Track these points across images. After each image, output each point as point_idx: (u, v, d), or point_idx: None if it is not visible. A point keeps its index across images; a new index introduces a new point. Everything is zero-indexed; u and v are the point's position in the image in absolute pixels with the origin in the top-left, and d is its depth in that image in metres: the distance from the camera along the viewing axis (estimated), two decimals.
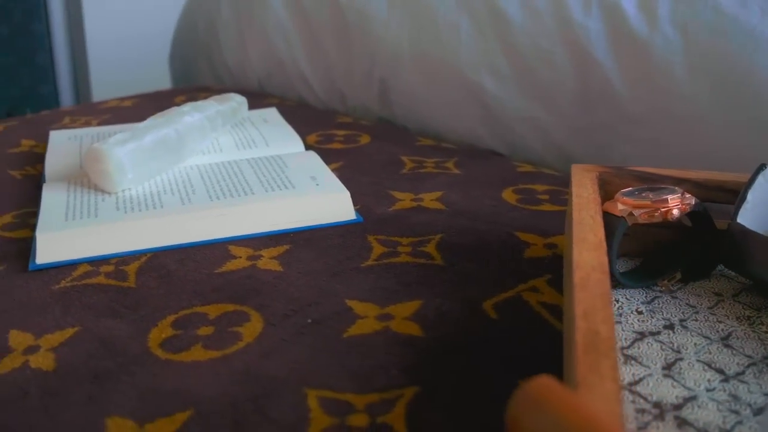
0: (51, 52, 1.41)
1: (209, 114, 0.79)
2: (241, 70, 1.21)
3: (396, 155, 0.83)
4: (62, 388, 0.47)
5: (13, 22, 1.34)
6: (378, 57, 0.98)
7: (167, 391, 0.45)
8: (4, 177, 0.80)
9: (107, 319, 0.53)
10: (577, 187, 0.54)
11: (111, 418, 0.44)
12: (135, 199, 0.67)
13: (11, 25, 1.34)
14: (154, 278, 0.58)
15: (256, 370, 0.46)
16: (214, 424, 0.42)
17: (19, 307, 0.55)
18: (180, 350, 0.49)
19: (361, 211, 0.68)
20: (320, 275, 0.57)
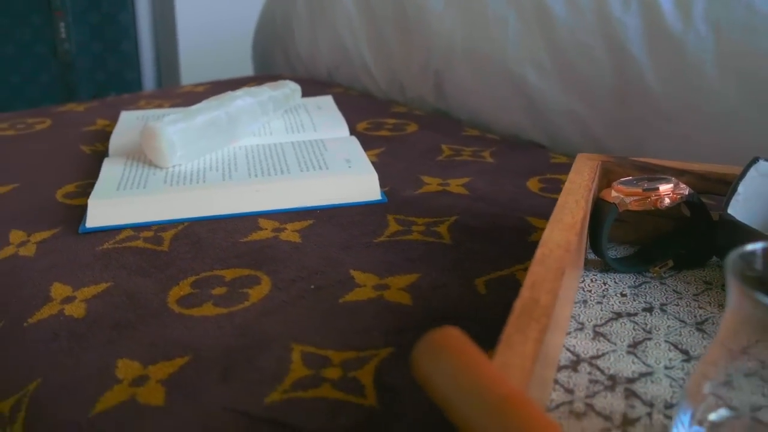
0: (136, 40, 1.51)
1: (261, 99, 0.85)
2: (312, 60, 1.26)
3: (437, 143, 0.86)
4: (87, 333, 0.53)
5: (101, 12, 1.45)
6: (433, 50, 1.01)
7: (173, 340, 0.50)
8: (76, 151, 0.87)
9: (137, 277, 0.59)
10: (573, 173, 0.56)
11: (122, 359, 0.49)
12: (182, 174, 0.73)
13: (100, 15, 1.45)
14: (186, 244, 0.63)
15: (254, 326, 0.51)
16: (205, 368, 0.47)
17: (65, 263, 0.62)
18: (192, 306, 0.54)
19: (388, 192, 0.72)
20: (333, 248, 0.61)
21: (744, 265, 0.34)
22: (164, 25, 1.55)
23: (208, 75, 1.37)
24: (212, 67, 1.48)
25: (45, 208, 0.73)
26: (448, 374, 0.30)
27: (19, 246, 0.66)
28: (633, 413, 0.41)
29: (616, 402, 0.42)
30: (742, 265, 0.33)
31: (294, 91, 0.92)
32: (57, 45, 1.45)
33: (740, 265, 0.33)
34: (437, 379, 0.30)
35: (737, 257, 0.33)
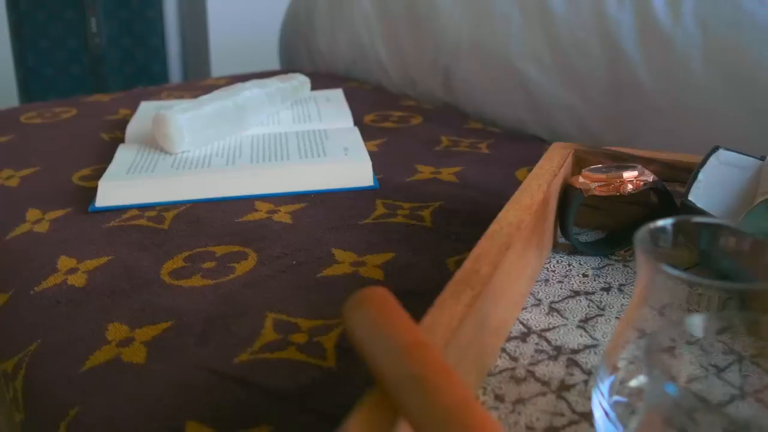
0: (163, 35, 1.57)
1: (269, 90, 0.89)
2: (332, 56, 1.30)
3: (438, 135, 0.90)
4: (84, 300, 0.57)
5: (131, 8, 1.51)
6: (442, 46, 1.04)
7: (161, 307, 0.54)
8: (96, 138, 0.92)
9: (137, 251, 0.63)
10: (544, 159, 0.59)
11: (112, 323, 0.53)
12: (189, 160, 0.77)
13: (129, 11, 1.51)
14: (185, 223, 0.68)
15: (235, 296, 0.55)
16: (185, 332, 0.51)
17: (73, 239, 0.66)
18: (182, 278, 0.58)
19: (382, 179, 0.76)
20: (320, 228, 0.65)
21: (653, 239, 0.36)
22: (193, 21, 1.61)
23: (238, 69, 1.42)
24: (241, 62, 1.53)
25: (61, 189, 0.78)
26: (366, 324, 0.33)
27: (35, 223, 0.71)
28: (570, 380, 0.44)
29: (557, 370, 0.45)
30: (651, 239, 0.36)
31: (303, 83, 0.96)
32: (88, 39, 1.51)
33: (649, 240, 0.36)
34: (358, 329, 0.34)
35: (646, 232, 0.36)
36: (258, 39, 1.61)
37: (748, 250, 0.37)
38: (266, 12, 1.58)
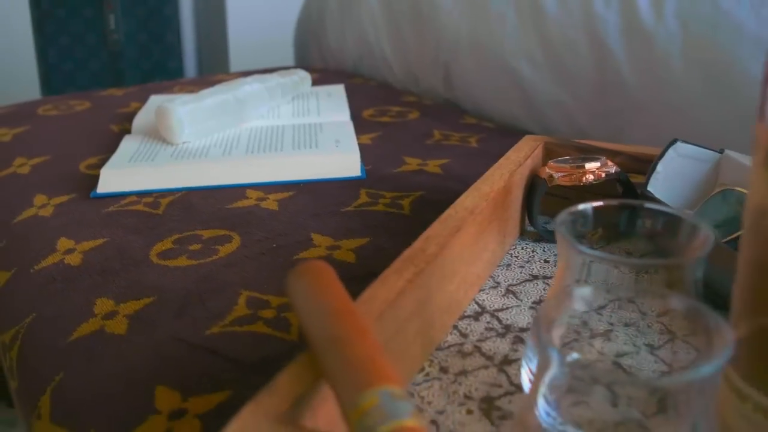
0: (179, 32, 1.61)
1: (269, 85, 0.92)
2: (341, 53, 1.34)
3: (431, 129, 0.93)
4: (77, 278, 0.61)
5: (148, 5, 1.56)
6: (442, 44, 1.07)
7: (146, 284, 0.58)
8: (106, 130, 0.97)
9: (131, 234, 0.67)
10: (512, 151, 0.62)
11: (100, 298, 0.57)
12: (188, 150, 0.81)
13: (146, 8, 1.56)
14: (178, 209, 0.72)
15: (214, 276, 0.58)
16: (164, 306, 0.55)
17: (74, 222, 0.71)
18: (169, 258, 0.62)
19: (370, 170, 0.79)
20: (303, 215, 0.68)
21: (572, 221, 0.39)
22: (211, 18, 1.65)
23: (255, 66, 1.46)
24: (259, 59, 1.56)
25: (68, 176, 0.82)
26: (302, 293, 0.37)
27: (40, 208, 0.75)
28: (514, 355, 0.47)
29: (503, 346, 0.48)
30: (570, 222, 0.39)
31: (303, 78, 0.99)
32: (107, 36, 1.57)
33: (569, 222, 0.39)
34: (295, 297, 0.37)
35: (566, 215, 0.39)
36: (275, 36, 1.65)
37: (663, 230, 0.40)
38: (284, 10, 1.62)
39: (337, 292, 0.36)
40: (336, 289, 0.37)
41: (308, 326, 0.35)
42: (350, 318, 0.34)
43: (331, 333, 0.33)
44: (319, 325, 0.34)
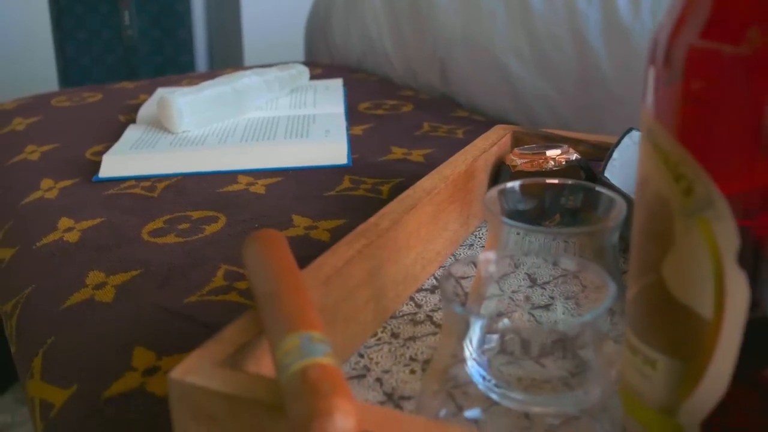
0: (191, 28, 1.67)
1: (267, 78, 0.97)
2: (346, 49, 1.38)
3: (421, 121, 0.97)
4: (75, 253, 0.66)
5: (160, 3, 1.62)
6: (439, 40, 1.11)
7: (135, 259, 0.63)
8: (114, 120, 1.02)
9: (126, 215, 0.72)
10: (480, 139, 0.66)
11: (92, 271, 0.62)
12: (187, 138, 0.86)
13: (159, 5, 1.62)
14: (172, 192, 0.76)
15: (198, 251, 0.63)
16: (150, 278, 0.59)
17: (75, 204, 0.75)
18: (158, 236, 0.67)
19: (357, 158, 0.83)
20: (288, 198, 0.73)
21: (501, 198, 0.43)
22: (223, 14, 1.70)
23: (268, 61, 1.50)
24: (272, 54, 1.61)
25: (74, 162, 0.87)
26: (253, 256, 0.41)
27: (46, 191, 0.80)
28: None
29: None
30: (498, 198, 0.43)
31: (301, 72, 1.03)
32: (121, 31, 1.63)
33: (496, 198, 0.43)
34: (247, 260, 0.41)
35: (494, 191, 0.43)
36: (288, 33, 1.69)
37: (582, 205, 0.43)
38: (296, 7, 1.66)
39: (282, 256, 0.41)
40: (282, 253, 0.41)
41: (253, 284, 0.39)
42: (289, 277, 0.38)
43: (270, 289, 0.37)
44: (261, 283, 0.38)
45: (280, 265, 0.39)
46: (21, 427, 1.26)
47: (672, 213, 0.31)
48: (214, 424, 0.35)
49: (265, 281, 0.38)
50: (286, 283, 0.37)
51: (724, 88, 0.30)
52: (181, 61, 1.69)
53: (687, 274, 0.32)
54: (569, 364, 0.39)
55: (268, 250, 0.41)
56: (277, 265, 0.39)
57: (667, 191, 0.31)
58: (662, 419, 0.35)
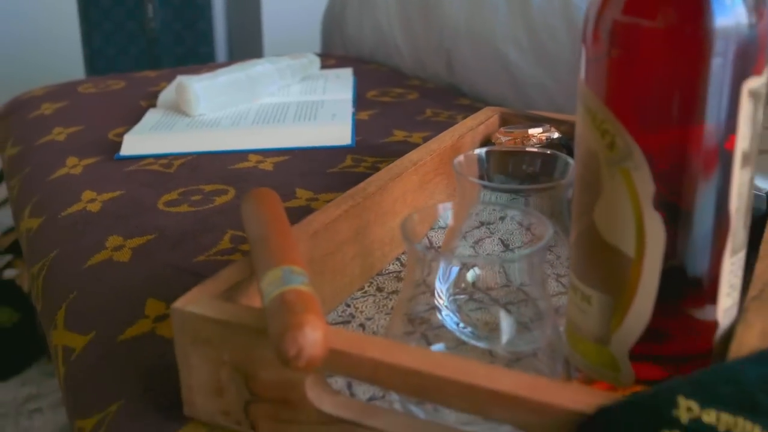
0: (211, 20, 1.74)
1: (279, 66, 1.03)
2: (359, 42, 1.44)
3: (424, 108, 1.02)
4: (96, 221, 0.72)
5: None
6: (445, 32, 1.16)
7: (151, 225, 0.69)
8: (136, 105, 1.08)
9: (144, 187, 0.78)
10: (469, 118, 0.71)
11: (112, 236, 0.68)
12: (203, 121, 0.92)
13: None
14: (187, 169, 0.82)
15: (208, 219, 0.69)
16: (163, 241, 0.65)
17: (98, 178, 0.82)
18: (173, 206, 0.72)
19: (360, 140, 0.88)
20: (293, 174, 0.78)
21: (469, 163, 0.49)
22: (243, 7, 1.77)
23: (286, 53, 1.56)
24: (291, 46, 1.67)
25: (98, 142, 0.93)
26: (250, 210, 0.47)
27: (71, 167, 0.86)
28: None
29: None
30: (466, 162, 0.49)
31: (312, 61, 1.09)
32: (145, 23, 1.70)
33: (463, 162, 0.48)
34: (244, 213, 0.47)
35: (462, 158, 0.48)
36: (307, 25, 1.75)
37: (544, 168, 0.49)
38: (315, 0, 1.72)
39: (274, 209, 0.46)
40: (274, 207, 0.47)
41: (247, 232, 0.45)
42: (277, 225, 0.44)
43: (260, 234, 0.43)
44: (253, 230, 0.44)
45: (271, 216, 0.45)
46: (46, 398, 1.33)
47: (599, 164, 0.37)
48: (209, 347, 0.40)
49: (257, 228, 0.44)
50: (274, 229, 0.43)
51: (641, 56, 0.35)
52: (201, 52, 1.76)
53: (613, 217, 0.37)
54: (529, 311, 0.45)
55: (262, 205, 0.47)
56: (268, 215, 0.45)
57: (595, 146, 0.37)
58: (597, 349, 0.40)
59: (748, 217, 0.38)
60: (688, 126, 0.35)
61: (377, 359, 0.36)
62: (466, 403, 0.35)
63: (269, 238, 0.42)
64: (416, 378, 0.35)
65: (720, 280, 0.37)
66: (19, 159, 0.97)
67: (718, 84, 0.34)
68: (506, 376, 0.34)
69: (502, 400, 0.34)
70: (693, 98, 0.34)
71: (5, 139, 1.07)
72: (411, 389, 0.36)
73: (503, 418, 0.34)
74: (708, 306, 0.38)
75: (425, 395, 0.36)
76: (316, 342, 0.34)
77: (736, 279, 0.38)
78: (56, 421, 1.26)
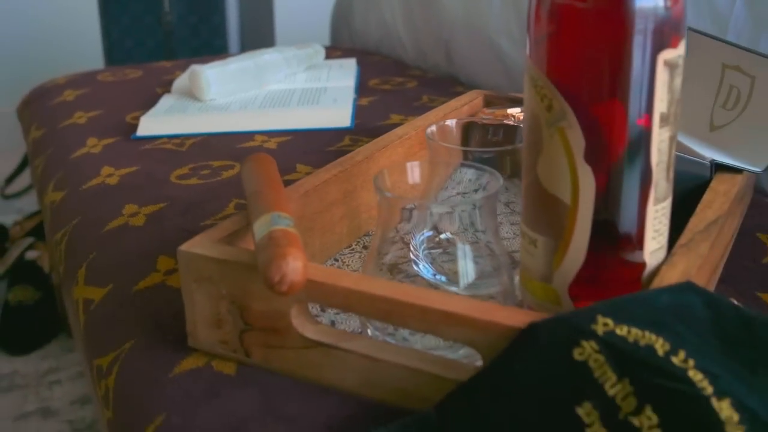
0: (224, 15, 1.82)
1: (286, 55, 1.09)
2: (365, 35, 1.50)
3: (421, 95, 1.08)
4: (114, 192, 0.79)
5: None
6: (444, 24, 1.23)
7: (163, 195, 0.76)
8: (152, 92, 1.15)
9: (158, 163, 0.85)
10: (454, 100, 0.78)
11: (128, 204, 0.75)
12: (214, 105, 0.99)
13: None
14: (198, 147, 0.89)
15: (215, 189, 0.76)
16: (174, 209, 0.72)
17: (116, 155, 0.89)
18: (183, 179, 0.79)
19: (359, 123, 0.95)
20: (295, 152, 0.85)
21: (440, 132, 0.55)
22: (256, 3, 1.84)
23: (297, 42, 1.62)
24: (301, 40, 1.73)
25: (116, 125, 1.00)
26: (248, 170, 0.53)
27: (92, 147, 0.93)
28: None
29: None
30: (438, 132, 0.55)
31: (317, 51, 1.16)
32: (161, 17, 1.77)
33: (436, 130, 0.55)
34: (243, 173, 0.54)
35: (434, 127, 0.55)
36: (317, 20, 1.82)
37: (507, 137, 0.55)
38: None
39: (269, 170, 0.53)
40: (269, 168, 0.53)
41: (245, 188, 0.52)
42: (271, 182, 0.50)
43: (255, 189, 0.50)
44: (250, 186, 0.50)
45: (265, 175, 0.51)
46: (65, 371, 1.40)
47: (541, 125, 0.43)
48: (210, 284, 0.47)
49: (253, 184, 0.50)
50: (268, 185, 0.50)
51: (574, 32, 0.41)
52: (214, 44, 1.84)
53: (552, 170, 0.43)
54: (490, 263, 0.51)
55: (258, 166, 0.53)
56: (263, 174, 0.52)
57: (536, 109, 0.43)
58: (543, 287, 0.46)
59: (671, 171, 0.44)
60: (613, 91, 0.41)
61: (349, 288, 0.42)
62: (422, 324, 0.41)
63: (263, 191, 0.48)
64: (382, 303, 0.42)
65: (645, 226, 0.44)
66: (43, 140, 1.04)
67: (640, 55, 0.40)
68: (456, 301, 0.41)
69: (452, 320, 0.40)
70: (617, 68, 0.41)
71: (30, 122, 1.15)
72: (377, 313, 0.42)
73: (453, 336, 0.41)
74: (636, 248, 0.44)
75: (389, 318, 0.42)
76: (297, 269, 0.40)
77: (661, 225, 0.45)
78: (74, 392, 1.34)
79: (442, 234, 0.56)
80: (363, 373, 0.44)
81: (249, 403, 0.45)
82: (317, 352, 0.45)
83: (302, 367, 0.46)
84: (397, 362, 0.43)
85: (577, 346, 0.37)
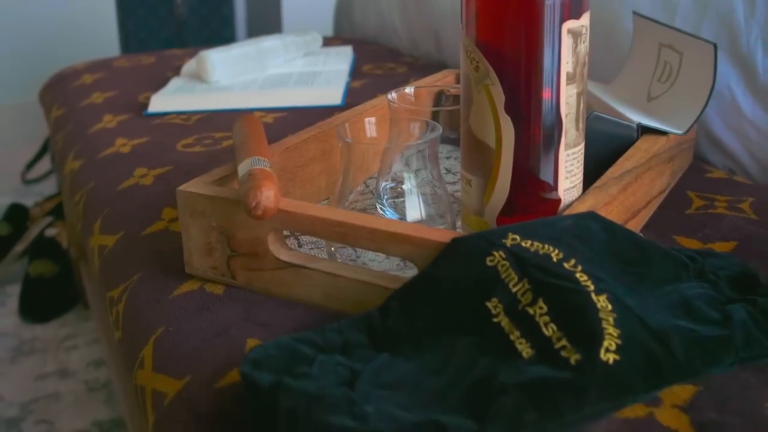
0: (232, 7, 1.92)
1: (285, 42, 1.19)
2: (364, 26, 1.60)
3: (410, 78, 1.18)
4: (127, 159, 0.89)
5: None
6: (435, 15, 1.32)
7: (169, 159, 0.86)
8: (163, 76, 1.25)
9: (166, 135, 0.95)
10: (428, 77, 0.87)
11: (138, 168, 0.85)
12: (218, 86, 1.09)
13: None
14: (203, 120, 0.99)
15: (215, 155, 0.85)
16: (179, 170, 0.82)
17: (128, 129, 0.99)
18: (189, 147, 0.89)
19: (350, 101, 1.05)
20: (290, 126, 0.95)
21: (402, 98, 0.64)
22: None
23: None
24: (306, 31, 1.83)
25: (129, 103, 1.10)
26: (239, 128, 0.63)
27: (107, 122, 1.04)
28: None
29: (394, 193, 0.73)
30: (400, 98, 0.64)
31: (315, 39, 1.26)
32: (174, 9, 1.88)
33: (397, 98, 0.64)
34: (234, 129, 0.63)
35: (394, 93, 0.64)
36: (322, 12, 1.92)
37: None
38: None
39: (255, 127, 0.62)
40: (256, 127, 0.63)
41: (233, 142, 0.61)
42: (256, 136, 0.60)
43: (242, 140, 0.59)
44: (238, 138, 0.60)
45: (252, 130, 0.61)
46: (81, 337, 1.51)
47: (470, 83, 0.52)
48: (202, 217, 0.57)
49: (240, 137, 0.60)
50: (253, 138, 0.59)
51: (496, 8, 0.51)
52: (223, 35, 1.95)
53: (480, 120, 0.53)
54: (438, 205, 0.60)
55: (246, 124, 0.63)
56: (250, 130, 0.61)
57: (467, 70, 0.52)
58: (477, 220, 0.56)
59: (581, 122, 0.54)
60: (528, 54, 0.50)
61: (314, 215, 0.52)
62: (372, 243, 0.51)
63: (248, 142, 0.58)
64: (339, 227, 0.51)
65: (558, 167, 0.53)
66: (63, 118, 1.14)
67: (550, 24, 0.50)
68: (398, 224, 0.50)
69: (395, 239, 0.50)
70: (531, 35, 0.50)
71: (51, 103, 1.25)
72: (336, 236, 0.52)
73: (396, 252, 0.50)
74: (552, 186, 0.54)
75: (346, 239, 0.52)
76: (269, 197, 0.50)
77: (573, 167, 0.54)
78: (89, 355, 1.44)
79: (402, 185, 0.66)
80: (326, 289, 0.54)
81: (233, 315, 0.55)
82: (289, 272, 0.55)
83: (277, 285, 0.56)
84: (354, 278, 0.52)
85: (489, 255, 0.47)
